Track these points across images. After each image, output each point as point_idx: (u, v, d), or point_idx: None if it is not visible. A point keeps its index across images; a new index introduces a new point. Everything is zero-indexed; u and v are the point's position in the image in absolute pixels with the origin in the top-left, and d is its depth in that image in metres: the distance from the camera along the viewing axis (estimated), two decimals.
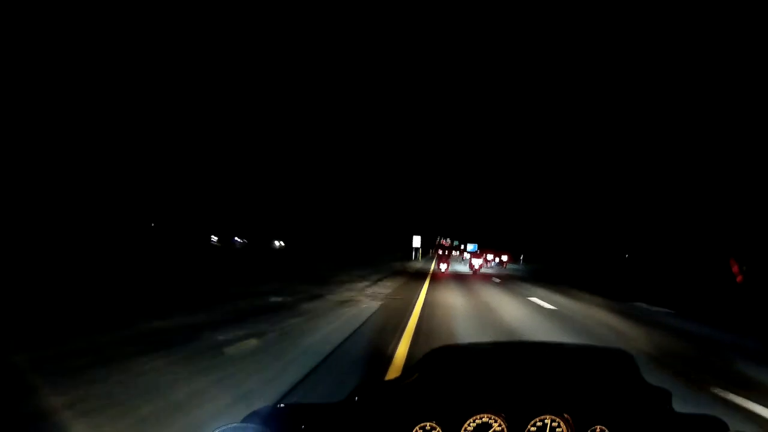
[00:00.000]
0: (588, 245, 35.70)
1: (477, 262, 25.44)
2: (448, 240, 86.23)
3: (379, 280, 13.32)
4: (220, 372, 3.36)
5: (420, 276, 17.01)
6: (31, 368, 3.25)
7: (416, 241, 35.23)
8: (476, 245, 46.23)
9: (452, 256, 50.36)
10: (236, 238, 46.45)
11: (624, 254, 30.21)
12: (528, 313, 7.78)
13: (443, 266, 22.96)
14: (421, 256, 39.86)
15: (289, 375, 3.39)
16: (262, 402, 2.12)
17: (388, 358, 4.07)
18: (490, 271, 27.75)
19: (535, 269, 31.41)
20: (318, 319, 5.89)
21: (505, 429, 1.07)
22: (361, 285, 11.18)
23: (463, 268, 27.74)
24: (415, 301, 8.45)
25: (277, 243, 49.75)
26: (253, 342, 4.38)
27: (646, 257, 26.25)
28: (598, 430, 1.11)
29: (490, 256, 32.71)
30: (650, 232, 26.48)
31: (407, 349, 4.44)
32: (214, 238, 44.55)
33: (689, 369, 4.36)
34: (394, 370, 3.69)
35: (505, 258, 32.94)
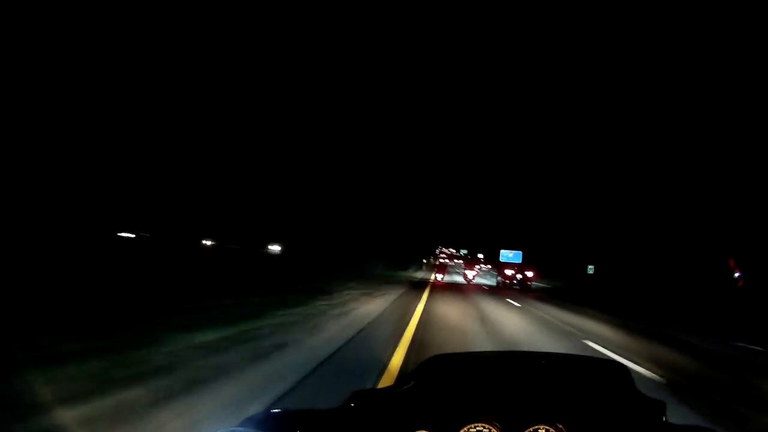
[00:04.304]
0: (610, 256, 33.09)
1: (471, 273, 27.84)
2: (451, 250, 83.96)
3: None
4: None
5: None
6: None
7: None
8: (521, 252, 33.13)
9: (450, 266, 49.61)
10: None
11: (649, 266, 27.86)
12: None
13: (440, 276, 24.43)
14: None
15: None
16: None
17: None
18: (484, 284, 26.52)
19: (557, 287, 29.13)
20: None
21: None
22: None
23: (487, 282, 27.38)
24: None
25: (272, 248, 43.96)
26: None
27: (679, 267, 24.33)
28: None
29: (510, 272, 30.08)
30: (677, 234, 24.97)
31: None
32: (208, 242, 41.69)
33: None
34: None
35: (530, 274, 29.00)
